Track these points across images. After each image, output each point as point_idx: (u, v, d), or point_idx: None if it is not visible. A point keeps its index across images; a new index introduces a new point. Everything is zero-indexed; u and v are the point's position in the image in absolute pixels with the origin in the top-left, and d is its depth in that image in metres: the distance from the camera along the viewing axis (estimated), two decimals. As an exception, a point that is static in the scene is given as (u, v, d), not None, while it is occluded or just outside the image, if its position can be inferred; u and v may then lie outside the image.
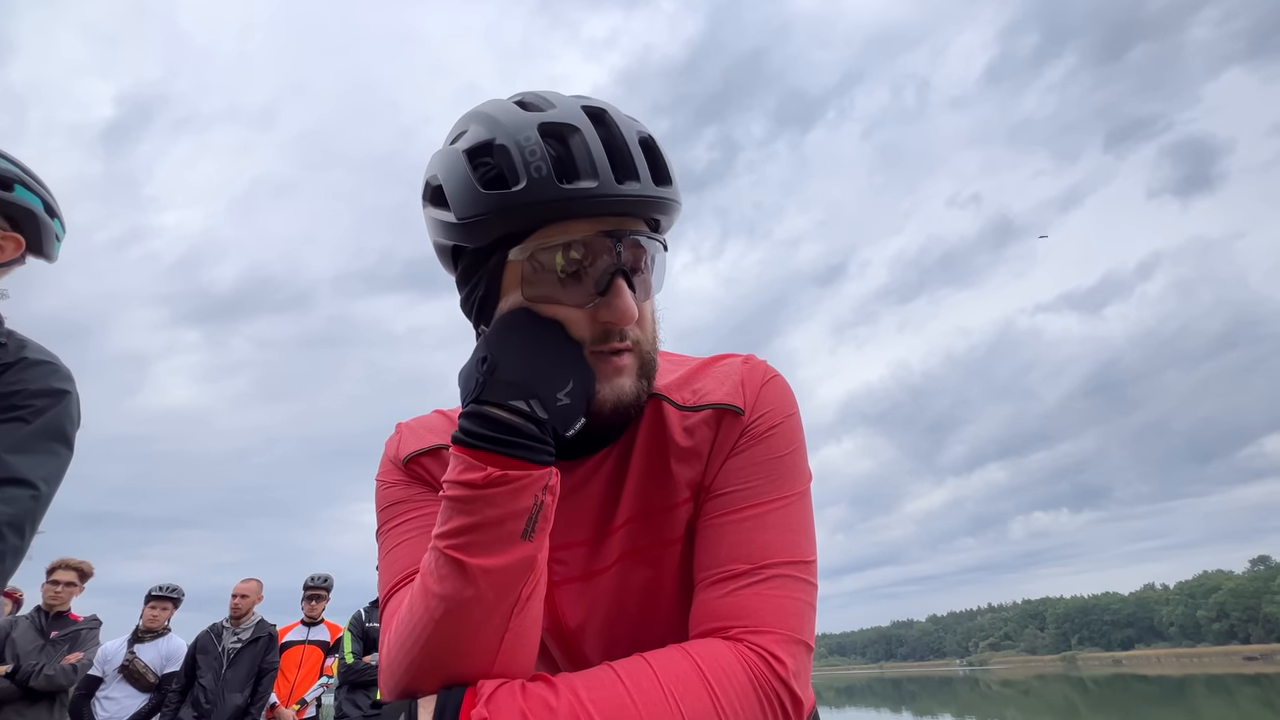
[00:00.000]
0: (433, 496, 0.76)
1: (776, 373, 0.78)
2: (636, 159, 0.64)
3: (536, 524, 0.59)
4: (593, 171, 0.61)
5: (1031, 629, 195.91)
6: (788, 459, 0.72)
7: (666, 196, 0.66)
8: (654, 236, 0.68)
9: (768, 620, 0.63)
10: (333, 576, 5.63)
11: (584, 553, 0.77)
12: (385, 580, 0.72)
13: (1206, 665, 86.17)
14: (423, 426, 0.82)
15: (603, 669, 0.59)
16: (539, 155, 0.60)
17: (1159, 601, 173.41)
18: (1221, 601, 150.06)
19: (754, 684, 0.59)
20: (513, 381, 0.60)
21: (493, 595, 0.57)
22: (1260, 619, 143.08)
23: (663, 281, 0.73)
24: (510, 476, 0.57)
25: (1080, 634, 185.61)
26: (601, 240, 0.64)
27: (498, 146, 0.62)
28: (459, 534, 0.58)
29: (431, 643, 0.58)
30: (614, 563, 0.76)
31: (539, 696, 0.55)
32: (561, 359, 0.63)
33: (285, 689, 5.11)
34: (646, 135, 0.68)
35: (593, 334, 0.65)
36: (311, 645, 5.37)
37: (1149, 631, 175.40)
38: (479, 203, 0.62)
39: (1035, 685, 50.69)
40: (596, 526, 0.76)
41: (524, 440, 0.59)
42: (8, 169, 1.24)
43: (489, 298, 0.69)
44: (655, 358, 0.73)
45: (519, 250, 0.64)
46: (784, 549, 0.67)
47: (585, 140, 0.62)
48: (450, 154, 0.66)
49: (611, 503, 0.75)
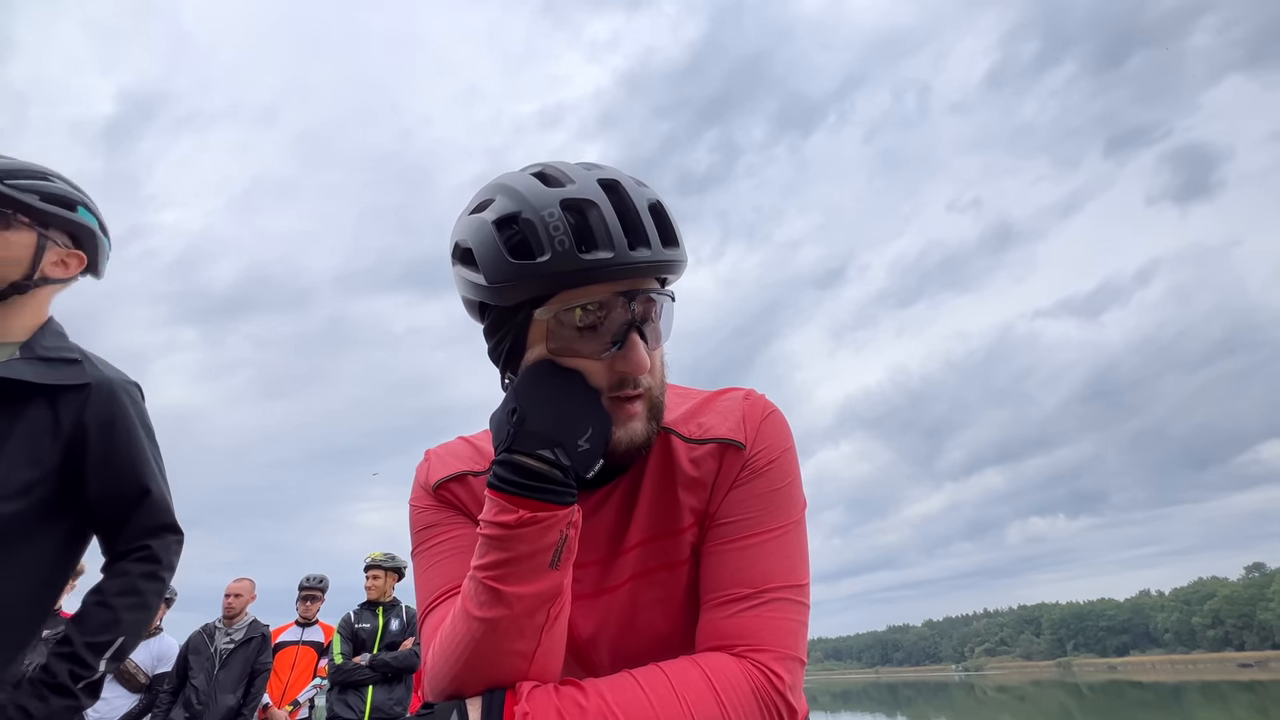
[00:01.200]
0: (461, 519, 0.86)
1: (775, 408, 0.87)
2: (647, 226, 0.71)
3: (562, 555, 0.69)
4: (609, 243, 0.68)
5: (1027, 634, 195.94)
6: (784, 491, 0.81)
7: (674, 259, 0.73)
8: (663, 292, 0.77)
9: (767, 640, 0.72)
10: (328, 577, 5.62)
11: (597, 571, 0.85)
12: (424, 596, 0.83)
13: (1201, 672, 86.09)
14: (449, 454, 0.91)
15: (623, 676, 0.69)
16: (561, 230, 0.68)
17: (1154, 608, 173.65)
18: (1216, 608, 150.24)
19: (756, 695, 0.68)
20: (539, 432, 0.69)
21: (525, 617, 0.67)
22: (1255, 626, 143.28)
23: (670, 329, 0.81)
24: (539, 518, 0.67)
25: (1076, 640, 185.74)
26: (617, 300, 0.72)
27: (524, 220, 0.69)
28: (496, 567, 0.67)
29: (474, 657, 0.68)
30: (625, 581, 0.84)
31: (571, 697, 0.65)
32: (582, 407, 0.72)
33: (278, 690, 5.08)
34: (655, 201, 0.75)
35: (609, 382, 0.73)
36: (305, 646, 5.33)
37: (1144, 638, 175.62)
38: (507, 270, 0.69)
39: (1030, 691, 50.68)
40: (609, 548, 0.85)
41: (550, 485, 0.68)
42: (71, 191, 1.33)
43: (515, 350, 0.77)
44: (664, 400, 0.81)
45: (543, 310, 0.72)
46: (781, 574, 0.76)
47: (602, 214, 0.69)
48: (479, 222, 0.73)
49: (623, 527, 0.84)
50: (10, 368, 1.20)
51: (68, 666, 1.18)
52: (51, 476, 1.22)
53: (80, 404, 1.25)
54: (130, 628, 1.25)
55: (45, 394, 1.23)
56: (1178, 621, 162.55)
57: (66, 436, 1.24)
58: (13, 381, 1.19)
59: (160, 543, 1.32)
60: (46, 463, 1.22)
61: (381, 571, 5.00)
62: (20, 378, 1.20)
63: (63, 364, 1.27)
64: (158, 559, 1.31)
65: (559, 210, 0.69)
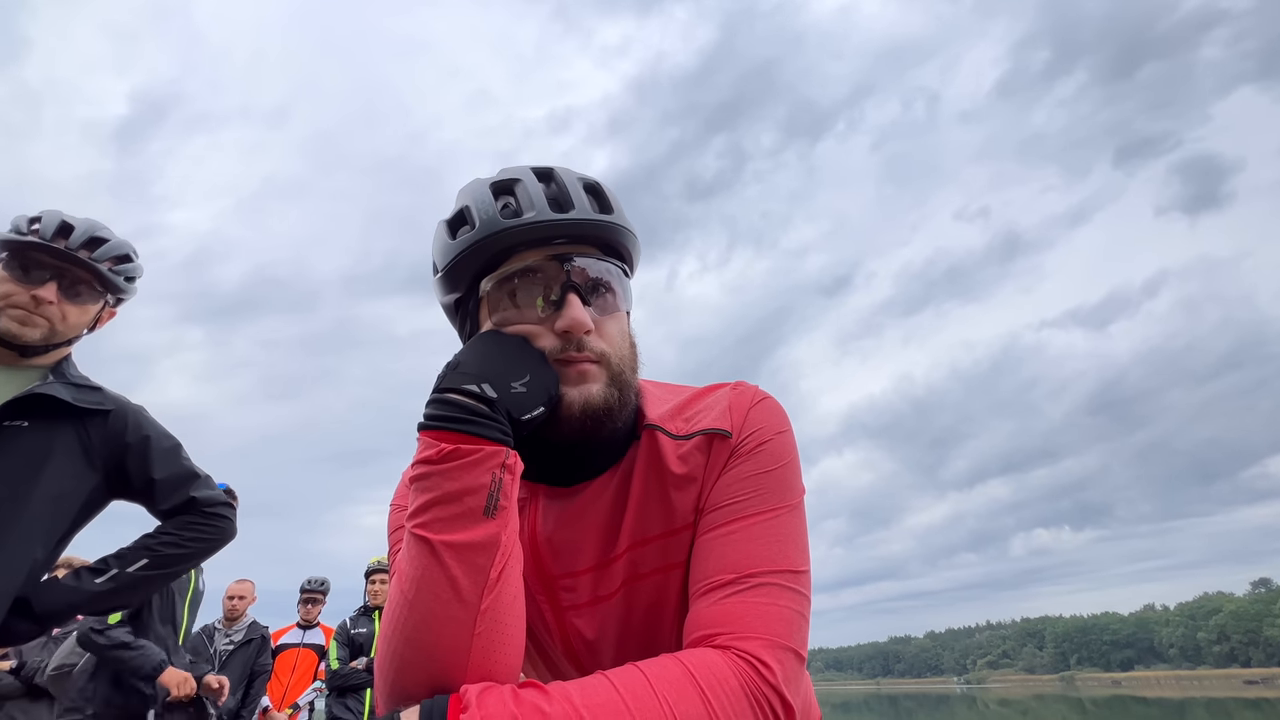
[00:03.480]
0: None
1: (766, 395, 0.83)
2: (575, 195, 0.75)
3: (498, 501, 0.62)
4: (530, 207, 0.73)
5: (1030, 648, 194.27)
6: (776, 473, 0.76)
7: (605, 220, 0.75)
8: (604, 259, 0.78)
9: (753, 626, 0.65)
10: (330, 580, 5.62)
11: (590, 580, 0.81)
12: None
13: (1206, 688, 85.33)
14: None
15: (596, 677, 0.60)
16: (487, 204, 0.75)
17: (1159, 622, 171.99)
18: (1222, 624, 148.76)
19: (745, 689, 0.60)
20: (468, 372, 0.68)
21: (461, 574, 0.60)
22: (1261, 642, 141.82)
23: (629, 304, 0.81)
24: (463, 450, 0.62)
25: (1079, 654, 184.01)
26: (551, 264, 0.74)
27: (464, 209, 0.77)
28: (423, 511, 0.62)
29: (409, 624, 0.61)
30: (619, 588, 0.80)
31: (531, 703, 0.56)
32: (521, 359, 0.71)
33: (278, 692, 5.08)
34: (592, 182, 0.78)
35: (553, 344, 0.73)
36: (306, 649, 5.33)
37: (1149, 653, 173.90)
38: (449, 252, 0.76)
39: (1033, 705, 50.23)
40: (600, 554, 0.81)
41: (474, 417, 0.65)
42: (140, 267, 1.57)
43: (472, 333, 0.80)
44: (629, 373, 0.78)
45: (486, 282, 0.76)
46: (770, 558, 0.70)
47: (526, 186, 0.75)
48: (437, 228, 0.80)
49: (613, 531, 0.80)
50: (51, 388, 1.38)
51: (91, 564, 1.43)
52: (94, 486, 1.45)
53: (108, 426, 1.46)
54: (160, 558, 1.47)
55: (75, 415, 1.41)
56: (1183, 637, 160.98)
57: (105, 453, 1.44)
58: (51, 399, 1.37)
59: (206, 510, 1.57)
60: (88, 476, 1.43)
61: (388, 576, 5.00)
62: (60, 396, 1.37)
63: (89, 389, 1.46)
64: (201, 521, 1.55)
65: (487, 191, 0.76)
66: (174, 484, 1.52)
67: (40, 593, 1.34)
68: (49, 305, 1.38)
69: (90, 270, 1.43)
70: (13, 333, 1.36)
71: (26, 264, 1.39)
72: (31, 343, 1.39)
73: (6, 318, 1.36)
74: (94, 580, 1.40)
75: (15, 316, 1.36)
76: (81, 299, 1.44)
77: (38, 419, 1.35)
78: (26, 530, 1.31)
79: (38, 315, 1.38)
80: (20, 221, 1.43)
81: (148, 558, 1.45)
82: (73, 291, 1.43)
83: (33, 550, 1.33)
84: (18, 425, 1.33)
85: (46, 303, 1.38)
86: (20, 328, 1.36)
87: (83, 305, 1.45)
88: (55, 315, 1.40)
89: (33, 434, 1.34)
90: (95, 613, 1.51)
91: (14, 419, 1.33)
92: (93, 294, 1.46)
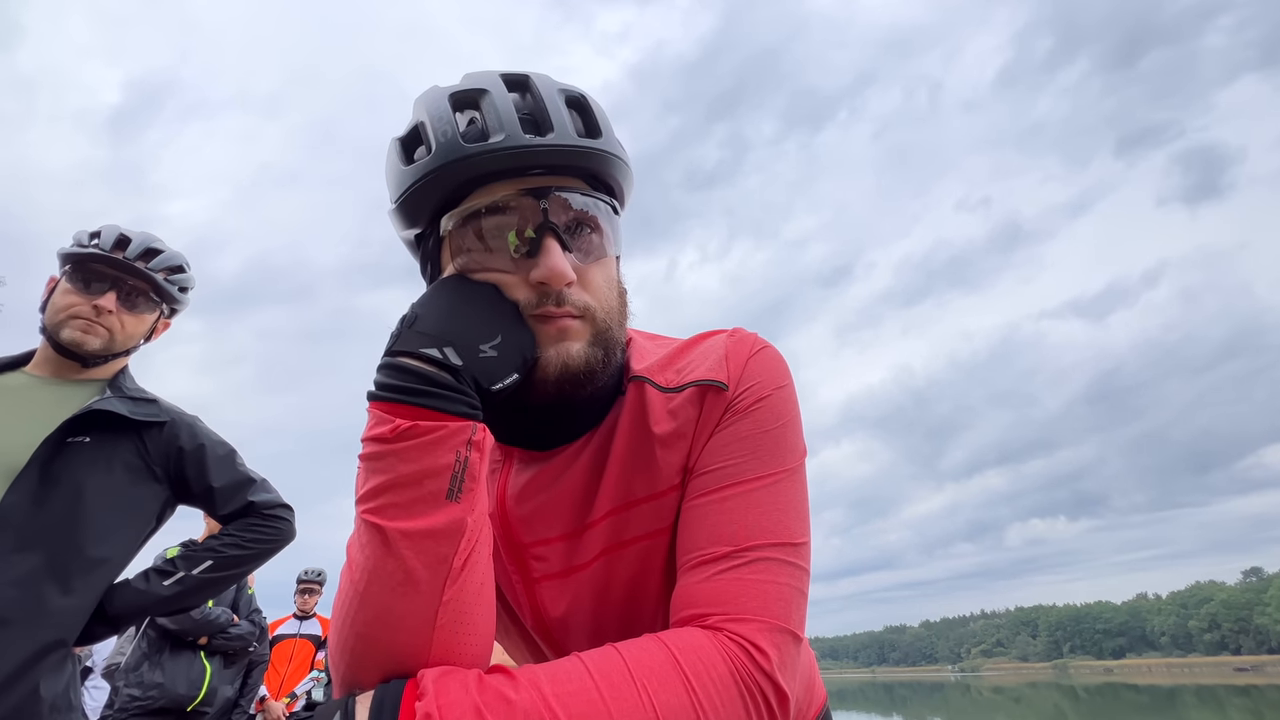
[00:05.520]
0: None
1: (766, 344, 0.73)
2: (554, 113, 0.62)
3: (463, 483, 0.54)
4: (500, 128, 0.60)
5: (1024, 636, 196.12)
6: (775, 433, 0.67)
7: (591, 147, 0.62)
8: (590, 193, 0.65)
9: (750, 607, 0.58)
10: (326, 571, 5.64)
11: (563, 547, 0.72)
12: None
13: (1197, 675, 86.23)
14: None
15: (570, 660, 0.53)
16: (446, 121, 0.61)
17: (1151, 611, 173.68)
18: (1213, 612, 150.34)
19: (735, 676, 0.54)
20: (428, 332, 0.57)
21: (419, 564, 0.52)
22: (1251, 630, 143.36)
23: (618, 245, 0.69)
24: (421, 428, 0.53)
25: (1072, 642, 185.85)
26: (525, 200, 0.62)
27: (419, 125, 0.63)
28: (374, 495, 0.54)
29: (359, 620, 0.53)
30: (596, 557, 0.71)
31: (495, 690, 0.49)
32: (489, 314, 0.60)
33: (276, 682, 5.11)
34: (576, 94, 0.66)
35: (528, 297, 0.62)
36: (303, 639, 5.36)
37: (1140, 641, 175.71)
38: (402, 179, 0.63)
39: (1026, 692, 50.77)
40: (575, 520, 0.72)
41: (434, 389, 0.55)
42: (193, 277, 1.63)
43: (434, 278, 0.67)
44: (615, 328, 0.68)
45: (447, 219, 0.63)
46: (770, 530, 0.62)
47: (494, 101, 0.61)
48: (389, 145, 0.66)
49: (590, 494, 0.71)
50: (108, 403, 1.42)
51: (158, 567, 1.48)
52: (159, 494, 1.50)
53: (164, 437, 1.50)
54: (224, 559, 1.51)
55: (133, 428, 1.46)
56: (1174, 625, 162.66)
57: (164, 463, 1.49)
58: (110, 415, 1.41)
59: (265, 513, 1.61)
60: (151, 485, 1.48)
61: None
62: (118, 411, 1.42)
63: (145, 402, 1.51)
64: (261, 523, 1.59)
65: (447, 105, 0.62)
66: (232, 490, 1.56)
67: (112, 596, 1.40)
68: (109, 315, 1.46)
69: (147, 280, 1.51)
70: (76, 341, 1.44)
71: (88, 276, 1.46)
72: (93, 352, 1.46)
73: (70, 328, 1.43)
74: (162, 583, 1.45)
75: (79, 326, 1.44)
76: (139, 309, 1.52)
77: (98, 434, 1.41)
78: (100, 541, 1.36)
79: (99, 324, 1.45)
80: (81, 235, 1.50)
81: (212, 559, 1.50)
82: (130, 302, 1.50)
83: (108, 562, 1.39)
84: (80, 441, 1.38)
85: (107, 312, 1.45)
86: (84, 336, 1.44)
87: (140, 315, 1.52)
88: (115, 325, 1.47)
89: (95, 449, 1.40)
90: (162, 614, 1.55)
91: (76, 435, 1.38)
92: (149, 304, 1.53)
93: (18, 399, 1.42)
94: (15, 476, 1.30)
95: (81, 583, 1.33)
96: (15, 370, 1.48)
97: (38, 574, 1.27)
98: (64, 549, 1.31)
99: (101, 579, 1.37)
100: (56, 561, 1.30)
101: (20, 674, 1.22)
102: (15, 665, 1.21)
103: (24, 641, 1.23)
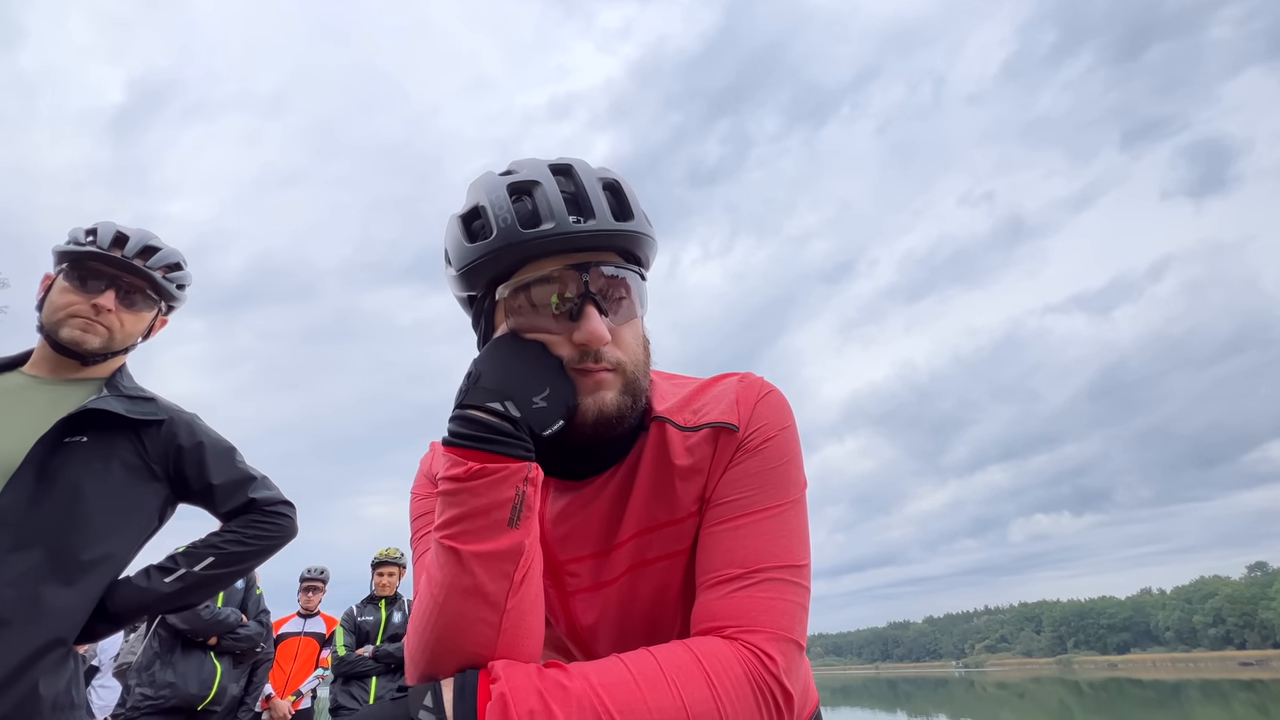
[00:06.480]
0: None
1: (772, 388, 0.84)
2: (595, 199, 0.74)
3: (521, 512, 0.66)
4: (550, 215, 0.72)
5: (1028, 632, 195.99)
6: (780, 469, 0.78)
7: (626, 229, 0.75)
8: (624, 266, 0.78)
9: (760, 620, 0.69)
10: (329, 569, 5.66)
11: (592, 565, 0.84)
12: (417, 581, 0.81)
13: (1202, 670, 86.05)
14: None
15: (611, 659, 0.65)
16: (505, 209, 0.73)
17: (1155, 606, 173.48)
18: (1218, 607, 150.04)
19: (749, 678, 0.65)
20: (490, 388, 0.70)
21: (487, 579, 0.64)
22: (1256, 625, 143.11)
23: (645, 307, 0.82)
24: (489, 469, 0.65)
25: (1076, 637, 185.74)
26: (569, 273, 0.74)
27: (480, 209, 0.76)
28: (451, 524, 0.66)
29: (439, 625, 0.65)
30: (623, 573, 0.83)
31: (553, 679, 0.61)
32: (539, 369, 0.72)
33: (281, 680, 5.13)
34: (612, 180, 0.78)
35: (571, 354, 0.74)
36: (307, 637, 5.39)
37: (1145, 636, 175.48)
38: (466, 255, 0.76)
39: (1030, 688, 50.75)
40: (604, 540, 0.83)
41: (499, 436, 0.67)
42: (190, 274, 1.62)
43: (488, 334, 0.81)
44: (642, 378, 0.80)
45: (503, 288, 0.76)
46: (776, 554, 0.73)
47: (545, 191, 0.74)
48: (450, 221, 0.80)
49: (617, 518, 0.82)
50: (105, 401, 1.42)
51: (160, 564, 1.46)
52: (159, 493, 1.49)
53: (162, 435, 1.49)
54: (226, 556, 1.49)
55: (131, 427, 1.45)
56: (1179, 620, 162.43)
57: (162, 461, 1.49)
58: (107, 414, 1.40)
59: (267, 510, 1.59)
60: (151, 484, 1.47)
61: (396, 568, 5.07)
62: (114, 410, 1.41)
63: (142, 400, 1.50)
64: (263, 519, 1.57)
65: (505, 193, 0.74)
66: (232, 487, 1.55)
67: (113, 593, 1.39)
68: (108, 313, 1.45)
69: (144, 277, 1.50)
70: (76, 340, 1.43)
71: (85, 274, 1.45)
72: (93, 351, 1.45)
73: (69, 327, 1.42)
74: (164, 580, 1.44)
75: (78, 325, 1.43)
76: (137, 307, 1.51)
77: (96, 433, 1.40)
78: (98, 540, 1.36)
79: (99, 323, 1.44)
80: (77, 233, 1.48)
81: (214, 556, 1.48)
82: (129, 300, 1.49)
83: (107, 560, 1.38)
84: (77, 440, 1.38)
85: (106, 310, 1.44)
86: (83, 335, 1.43)
87: (138, 313, 1.51)
88: (114, 324, 1.46)
89: (92, 448, 1.39)
90: (164, 611, 1.54)
91: (73, 435, 1.38)
92: (147, 301, 1.53)
93: (15, 399, 1.41)
94: (11, 476, 1.29)
95: (80, 581, 1.32)
96: (12, 370, 1.47)
97: (36, 573, 1.27)
98: (62, 548, 1.31)
99: (101, 577, 1.37)
100: (55, 560, 1.29)
101: (19, 673, 1.21)
102: (14, 664, 1.21)
103: (23, 641, 1.23)
